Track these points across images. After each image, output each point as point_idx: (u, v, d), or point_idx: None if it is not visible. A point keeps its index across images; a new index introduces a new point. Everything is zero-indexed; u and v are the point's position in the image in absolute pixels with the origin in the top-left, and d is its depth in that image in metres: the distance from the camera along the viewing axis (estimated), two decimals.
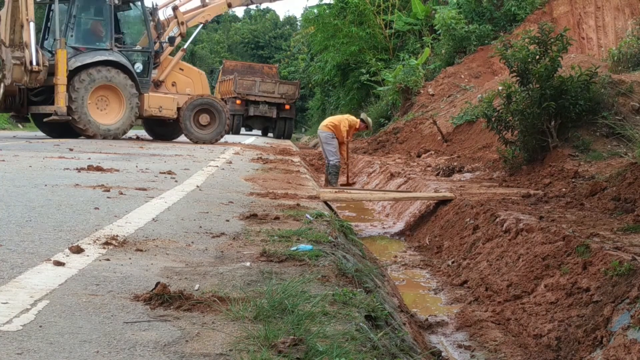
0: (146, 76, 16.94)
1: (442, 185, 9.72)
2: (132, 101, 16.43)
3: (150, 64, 17.02)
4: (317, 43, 31.29)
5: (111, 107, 16.42)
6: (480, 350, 4.47)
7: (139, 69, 16.83)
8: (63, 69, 15.50)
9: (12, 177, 6.84)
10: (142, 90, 16.77)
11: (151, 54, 16.98)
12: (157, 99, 17.03)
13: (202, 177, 8.33)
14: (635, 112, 10.55)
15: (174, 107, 17.14)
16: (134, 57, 16.95)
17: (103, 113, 16.38)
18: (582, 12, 23.43)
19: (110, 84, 16.24)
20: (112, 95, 16.37)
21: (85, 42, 16.50)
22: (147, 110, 16.93)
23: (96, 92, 16.21)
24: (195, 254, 3.88)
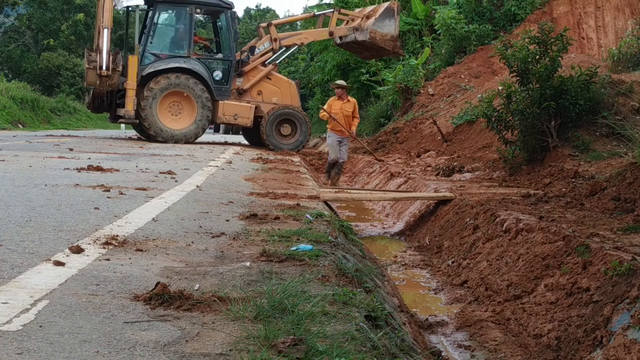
0: (225, 84, 17.17)
1: (442, 185, 9.72)
2: (205, 107, 16.67)
3: (231, 72, 17.20)
4: (317, 43, 31.26)
5: (184, 113, 16.74)
6: (480, 350, 4.47)
7: (217, 77, 17.09)
8: (133, 74, 16.22)
9: (12, 177, 6.84)
10: (219, 98, 17.00)
11: (232, 62, 17.16)
12: (233, 107, 17.15)
13: (202, 177, 8.33)
14: (635, 112, 10.55)
15: (250, 115, 17.22)
16: (214, 65, 17.21)
17: (176, 118, 16.76)
18: (582, 12, 23.43)
19: (182, 91, 16.51)
20: (185, 101, 16.68)
21: (164, 49, 16.96)
22: (221, 117, 17.16)
23: (168, 98, 16.56)
24: (195, 253, 3.88)
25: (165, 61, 16.61)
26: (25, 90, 27.40)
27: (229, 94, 17.25)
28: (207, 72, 16.88)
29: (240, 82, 17.48)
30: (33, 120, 25.57)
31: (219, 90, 17.09)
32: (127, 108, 16.24)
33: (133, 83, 16.21)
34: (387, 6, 18.35)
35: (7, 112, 23.59)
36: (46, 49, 41.78)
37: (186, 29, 16.93)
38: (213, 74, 17.02)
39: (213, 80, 16.98)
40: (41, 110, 27.48)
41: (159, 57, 16.71)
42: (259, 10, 78.20)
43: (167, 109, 16.62)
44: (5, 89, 24.95)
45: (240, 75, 17.42)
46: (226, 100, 17.11)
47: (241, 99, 17.41)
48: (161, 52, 16.85)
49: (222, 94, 17.15)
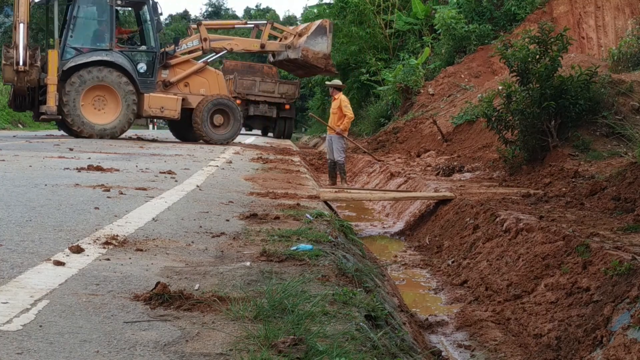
0: (150, 76, 16.90)
1: (442, 185, 9.72)
2: (129, 101, 16.37)
3: (155, 65, 16.93)
4: None
5: (109, 107, 16.41)
6: (480, 350, 4.47)
7: (142, 69, 16.79)
8: (53, 69, 15.80)
9: (12, 177, 6.84)
10: (144, 90, 16.70)
11: (156, 54, 16.90)
12: (159, 100, 16.90)
13: (202, 177, 8.33)
14: (635, 111, 10.55)
15: (178, 107, 17.01)
16: (137, 57, 16.92)
17: (100, 113, 16.38)
18: (582, 12, 23.43)
19: (105, 84, 16.22)
20: (109, 95, 16.36)
21: (86, 42, 16.58)
22: (147, 110, 16.87)
23: (91, 92, 16.22)
24: (195, 253, 3.88)
25: (86, 55, 16.24)
26: None
27: (154, 86, 16.95)
28: (130, 65, 16.57)
29: (166, 74, 17.22)
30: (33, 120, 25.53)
31: (144, 83, 16.78)
32: (49, 104, 15.81)
33: (54, 78, 15.77)
34: (319, 24, 18.20)
35: (7, 112, 23.58)
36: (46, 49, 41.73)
37: (107, 21, 16.54)
38: (137, 66, 16.71)
39: (137, 73, 16.66)
40: None
41: (81, 51, 16.32)
42: (259, 10, 78.20)
43: (91, 104, 16.25)
44: (5, 89, 24.93)
45: (166, 67, 17.16)
46: (151, 93, 16.82)
47: (167, 91, 17.15)
48: (83, 46, 16.43)
49: (148, 87, 16.84)
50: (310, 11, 32.18)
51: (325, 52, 17.89)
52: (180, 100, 17.11)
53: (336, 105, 11.70)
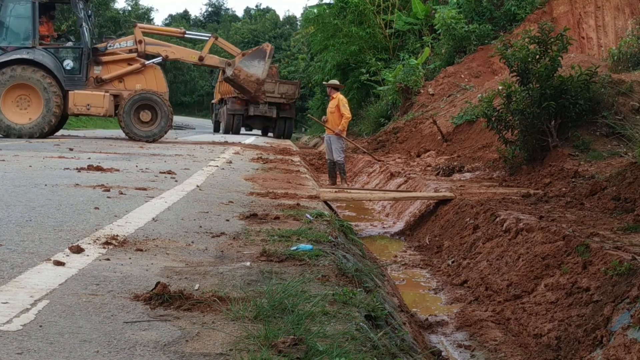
0: (78, 73, 16.62)
1: (442, 185, 9.72)
2: (50, 100, 16.11)
3: (83, 61, 16.63)
4: (317, 43, 31.30)
5: (34, 106, 16.21)
6: (480, 350, 4.47)
7: (68, 66, 16.55)
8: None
9: (12, 177, 6.84)
10: (71, 88, 16.44)
11: (83, 50, 16.62)
12: (84, 97, 16.52)
13: (202, 177, 8.33)
14: (635, 111, 10.55)
15: (105, 104, 16.59)
16: (63, 54, 16.70)
17: (24, 112, 16.19)
18: (582, 12, 23.43)
19: (26, 83, 16.05)
20: (33, 94, 16.17)
21: (11, 41, 16.44)
22: (72, 108, 16.54)
23: (13, 91, 16.05)
24: (195, 253, 3.88)
25: (8, 54, 16.12)
26: None
27: (83, 83, 16.66)
28: (54, 62, 16.36)
29: (99, 70, 16.89)
30: None
31: (71, 80, 16.51)
32: None
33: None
34: (261, 47, 17.86)
35: None
36: None
37: (30, 19, 16.35)
38: (63, 63, 16.49)
39: (64, 70, 16.44)
40: None
41: (6, 50, 16.18)
42: (259, 10, 78.22)
43: (15, 103, 16.06)
44: None
45: (98, 63, 16.86)
46: (77, 90, 16.49)
47: (100, 87, 16.80)
48: (8, 44, 16.29)
49: (75, 84, 16.54)
50: (310, 11, 32.16)
51: (259, 77, 17.20)
52: (109, 96, 16.69)
53: (334, 104, 11.62)
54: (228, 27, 74.77)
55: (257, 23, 73.03)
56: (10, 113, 16.04)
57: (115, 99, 16.89)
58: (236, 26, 74.29)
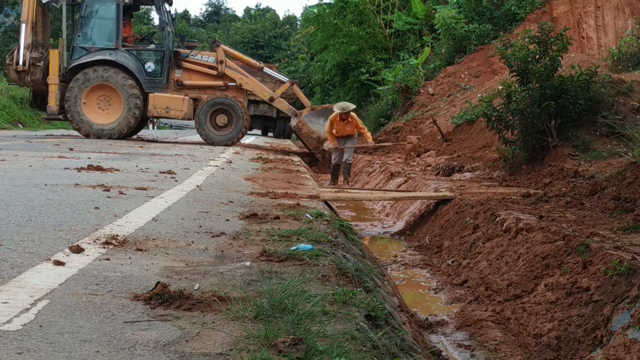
0: (159, 76, 16.71)
1: (442, 185, 9.72)
2: (131, 101, 16.27)
3: (164, 64, 16.71)
4: (317, 42, 31.31)
5: (113, 108, 16.38)
6: (480, 350, 4.47)
7: (149, 69, 16.66)
8: (54, 69, 15.96)
9: (12, 177, 6.84)
10: (151, 90, 16.55)
11: (164, 53, 16.70)
12: (164, 100, 16.63)
13: (202, 177, 8.33)
14: (635, 111, 10.55)
15: (184, 107, 16.68)
16: (145, 56, 16.82)
17: (104, 113, 16.38)
18: (582, 12, 23.42)
19: (108, 84, 16.18)
20: (114, 95, 16.32)
21: (93, 41, 16.60)
22: (152, 110, 16.69)
23: (95, 92, 16.21)
24: (195, 253, 3.88)
25: (91, 54, 16.31)
26: (25, 90, 27.32)
27: (164, 86, 16.74)
28: (135, 64, 16.47)
29: (180, 74, 16.97)
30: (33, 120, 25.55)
31: (152, 83, 16.61)
32: (50, 104, 16.01)
33: (55, 78, 15.96)
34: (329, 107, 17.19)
35: (7, 112, 23.58)
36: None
37: (114, 20, 16.53)
38: (145, 65, 16.61)
39: (145, 72, 16.55)
40: None
41: (89, 50, 16.39)
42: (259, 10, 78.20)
43: (95, 104, 16.25)
44: (5, 89, 24.91)
45: (179, 67, 16.91)
46: (157, 93, 16.59)
47: (180, 91, 16.85)
48: (91, 45, 16.50)
49: (156, 86, 16.64)
50: (310, 11, 32.14)
51: (320, 136, 16.75)
52: (189, 100, 16.75)
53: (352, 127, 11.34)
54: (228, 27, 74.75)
55: (257, 23, 73.02)
56: (91, 113, 16.22)
57: (194, 102, 16.92)
58: (236, 26, 74.29)
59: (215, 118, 17.01)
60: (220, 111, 17.03)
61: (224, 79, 16.99)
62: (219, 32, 72.15)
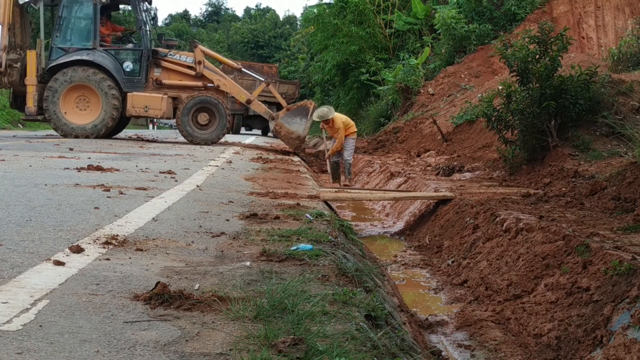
0: (137, 75, 16.68)
1: (442, 185, 9.72)
2: (109, 101, 16.21)
3: (143, 63, 16.67)
4: (317, 43, 31.33)
5: (92, 107, 16.34)
6: (480, 350, 4.47)
7: (128, 68, 16.61)
8: (32, 70, 15.97)
9: (12, 177, 6.84)
10: (129, 89, 16.51)
11: (142, 52, 16.67)
12: (143, 99, 16.57)
13: (202, 177, 8.33)
14: (635, 111, 10.55)
15: (163, 106, 16.60)
16: (123, 55, 16.77)
17: (83, 113, 16.33)
18: (582, 12, 23.43)
19: (86, 84, 16.15)
20: (92, 95, 16.27)
21: (71, 42, 16.58)
22: (130, 110, 16.63)
23: (73, 92, 16.17)
24: (195, 253, 3.88)
25: (69, 55, 16.29)
26: None
27: (142, 85, 16.68)
28: (113, 63, 16.42)
29: (159, 73, 16.91)
30: None
31: (130, 82, 16.56)
32: (28, 105, 15.99)
33: (32, 79, 15.98)
34: (304, 104, 17.54)
35: (7, 111, 23.58)
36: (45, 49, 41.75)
37: (91, 19, 16.49)
38: (123, 65, 16.56)
39: (123, 72, 16.51)
40: None
41: (67, 51, 16.37)
42: (259, 10, 78.21)
43: (74, 104, 16.21)
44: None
45: (158, 66, 16.85)
46: (135, 92, 16.52)
47: (159, 90, 16.76)
48: (69, 45, 16.48)
49: (134, 86, 16.58)
50: (310, 11, 32.16)
51: (300, 135, 16.86)
52: (167, 99, 16.69)
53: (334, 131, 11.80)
54: (228, 27, 74.74)
55: (257, 23, 73.01)
56: (69, 113, 16.19)
57: (174, 101, 16.85)
58: (236, 26, 74.27)
59: (197, 117, 16.92)
60: (202, 110, 16.94)
61: (203, 80, 16.97)
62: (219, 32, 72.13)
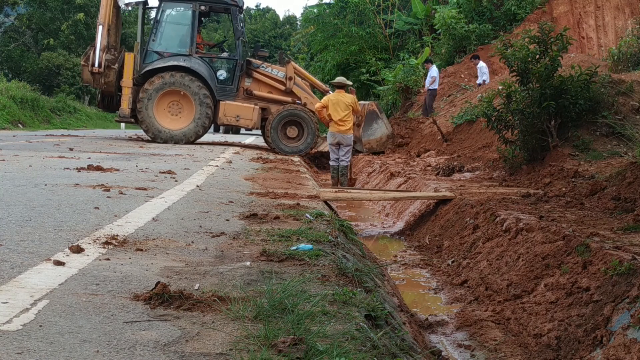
0: (230, 84, 16.70)
1: (442, 185, 9.72)
2: (203, 109, 16.25)
3: (236, 72, 16.67)
4: (317, 42, 31.31)
5: (184, 113, 16.38)
6: (480, 350, 4.47)
7: (222, 76, 16.66)
8: (129, 73, 16.09)
9: (12, 177, 6.84)
10: (222, 98, 16.54)
11: (237, 62, 16.66)
12: (235, 108, 16.56)
13: (202, 177, 8.33)
14: (635, 111, 10.55)
15: (254, 117, 16.55)
16: (218, 64, 16.85)
17: (176, 118, 16.38)
18: (582, 12, 23.43)
19: (181, 90, 16.20)
20: (184, 101, 16.33)
21: (167, 47, 16.65)
22: (222, 118, 16.64)
23: (167, 97, 16.23)
24: (195, 253, 3.88)
25: (165, 59, 16.40)
26: (25, 90, 27.35)
27: (234, 94, 16.77)
28: (208, 71, 16.54)
29: (250, 82, 16.95)
30: (33, 120, 25.57)
31: (223, 90, 16.66)
32: (122, 107, 16.12)
33: (129, 81, 16.08)
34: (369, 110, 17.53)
35: (7, 111, 23.58)
36: (46, 49, 41.78)
37: (189, 26, 16.61)
38: (217, 73, 16.66)
39: (217, 80, 16.61)
40: (41, 110, 27.47)
41: (162, 55, 16.47)
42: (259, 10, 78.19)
43: (167, 109, 16.34)
44: (5, 89, 24.93)
45: (249, 76, 16.90)
46: (228, 101, 16.62)
47: (249, 100, 16.85)
48: (164, 50, 16.57)
49: (226, 94, 16.68)
50: (310, 11, 32.15)
51: (388, 134, 17.16)
52: (258, 109, 16.64)
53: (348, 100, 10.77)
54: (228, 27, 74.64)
55: (257, 23, 73.00)
56: (162, 118, 16.26)
57: (263, 112, 16.84)
58: None
59: (286, 129, 16.82)
60: (291, 123, 16.84)
61: (291, 96, 16.96)
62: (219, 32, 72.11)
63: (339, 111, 10.71)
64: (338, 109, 10.70)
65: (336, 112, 10.70)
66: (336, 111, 10.70)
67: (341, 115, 10.71)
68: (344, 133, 10.83)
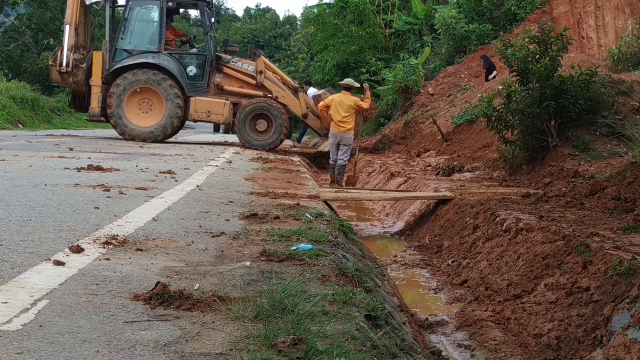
0: (200, 80, 16.64)
1: (442, 185, 9.72)
2: (173, 105, 16.21)
3: (206, 68, 16.62)
4: (317, 42, 31.29)
5: (155, 110, 16.32)
6: (480, 350, 4.47)
7: (191, 72, 16.59)
8: (97, 71, 16.04)
9: (12, 177, 6.84)
10: (192, 94, 16.48)
11: (206, 57, 16.61)
12: (205, 104, 16.52)
13: (202, 177, 8.33)
14: (635, 111, 10.54)
15: (225, 112, 16.53)
16: (187, 60, 16.78)
17: (146, 116, 16.32)
18: (582, 12, 23.42)
19: (150, 87, 16.15)
20: (155, 98, 16.27)
21: (136, 44, 16.58)
22: (193, 114, 16.57)
23: (137, 95, 16.18)
24: (195, 253, 3.88)
25: (134, 57, 16.29)
26: (25, 89, 27.35)
27: (204, 90, 16.66)
28: (178, 68, 16.42)
29: (220, 78, 16.86)
30: (33, 119, 25.56)
31: (193, 86, 16.54)
32: (92, 106, 16.06)
33: (97, 80, 16.05)
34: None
35: (7, 111, 23.57)
36: (46, 49, 41.77)
37: (158, 23, 16.51)
38: (187, 69, 16.55)
39: (187, 76, 16.50)
40: (41, 110, 27.47)
41: (131, 53, 16.37)
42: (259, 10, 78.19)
43: (137, 106, 16.22)
44: (5, 89, 24.92)
45: (220, 71, 16.82)
46: (198, 97, 16.49)
47: (220, 95, 16.73)
48: (133, 48, 16.47)
49: (196, 90, 16.57)
50: (310, 11, 32.14)
51: None
52: (229, 104, 16.62)
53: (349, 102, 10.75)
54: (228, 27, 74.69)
55: (257, 23, 72.98)
56: (132, 115, 16.19)
57: (234, 107, 16.79)
58: (236, 26, 74.25)
59: (255, 123, 16.80)
60: (260, 116, 16.82)
61: (262, 90, 16.95)
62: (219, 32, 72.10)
63: (340, 112, 10.80)
64: (340, 109, 10.80)
65: (337, 113, 10.80)
66: (337, 112, 10.80)
67: (342, 116, 10.79)
68: (344, 133, 10.91)
